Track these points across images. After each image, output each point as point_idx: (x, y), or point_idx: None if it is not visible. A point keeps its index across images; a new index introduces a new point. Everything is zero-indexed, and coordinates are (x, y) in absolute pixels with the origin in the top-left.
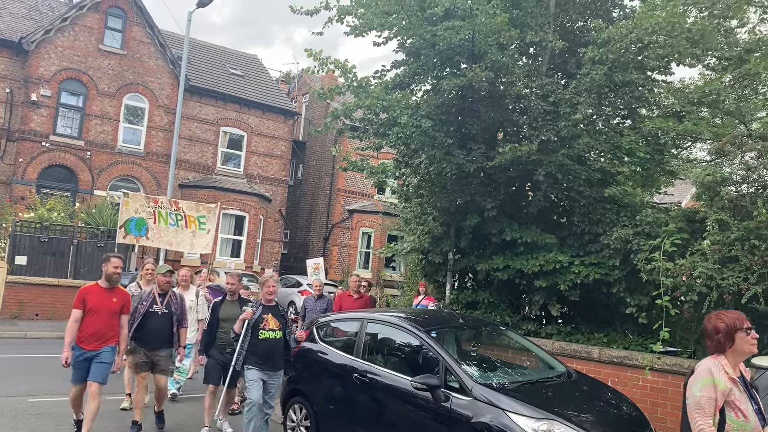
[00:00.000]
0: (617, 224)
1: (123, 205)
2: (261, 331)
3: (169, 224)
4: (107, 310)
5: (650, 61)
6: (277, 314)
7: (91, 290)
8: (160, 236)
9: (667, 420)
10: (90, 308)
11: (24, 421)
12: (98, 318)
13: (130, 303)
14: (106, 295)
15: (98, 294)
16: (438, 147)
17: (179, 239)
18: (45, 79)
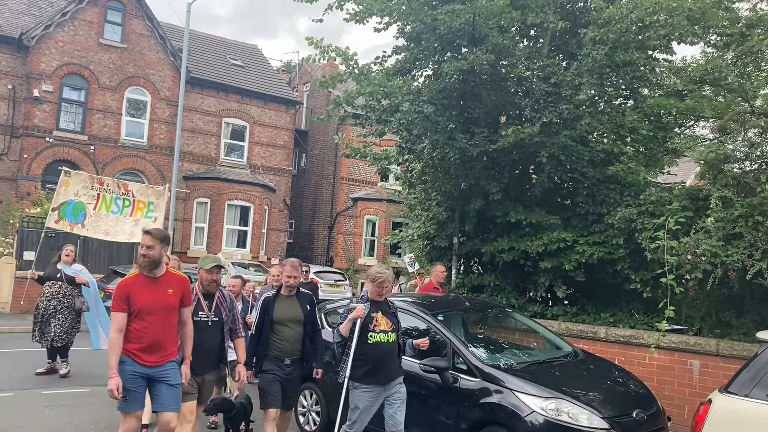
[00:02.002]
0: (621, 204)
1: (62, 184)
2: (370, 334)
3: (111, 211)
4: (163, 306)
5: (651, 40)
6: (388, 312)
7: (135, 283)
8: (97, 224)
9: (674, 397)
10: (139, 309)
11: (37, 413)
12: (154, 320)
13: (190, 291)
14: (157, 287)
15: (145, 287)
16: (440, 132)
17: (118, 228)
18: (46, 74)
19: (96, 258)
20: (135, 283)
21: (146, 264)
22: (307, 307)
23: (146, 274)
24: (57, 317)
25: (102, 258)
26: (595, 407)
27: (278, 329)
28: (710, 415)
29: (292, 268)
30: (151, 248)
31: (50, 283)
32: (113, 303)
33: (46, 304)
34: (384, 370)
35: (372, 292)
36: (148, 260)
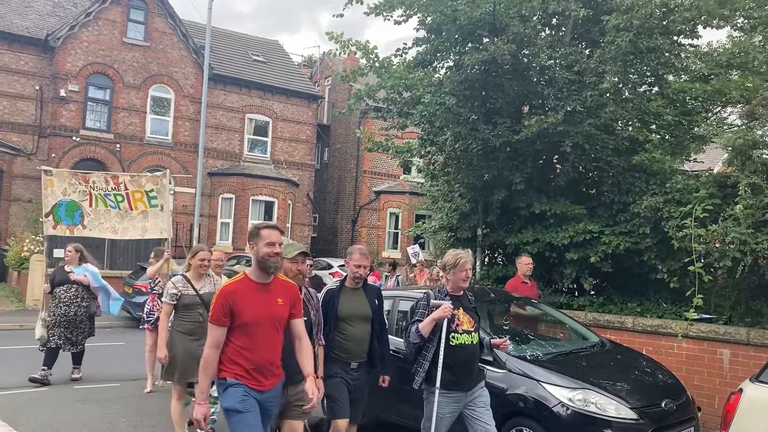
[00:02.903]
0: (647, 192)
1: (46, 185)
2: (453, 335)
3: (110, 206)
4: (273, 319)
5: (676, 25)
6: (468, 308)
7: (240, 289)
8: (99, 222)
9: (704, 387)
10: (246, 322)
11: (69, 407)
12: (261, 336)
13: (301, 301)
14: (266, 295)
15: (253, 295)
16: (463, 123)
17: (126, 224)
18: (72, 74)
19: (124, 254)
20: (241, 290)
21: (275, 265)
22: (375, 301)
23: (257, 279)
24: (78, 323)
25: (130, 254)
26: (623, 397)
27: (343, 327)
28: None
29: (361, 257)
30: (280, 245)
31: (65, 288)
32: (212, 313)
33: (65, 310)
34: (468, 375)
35: (451, 284)
36: (278, 261)
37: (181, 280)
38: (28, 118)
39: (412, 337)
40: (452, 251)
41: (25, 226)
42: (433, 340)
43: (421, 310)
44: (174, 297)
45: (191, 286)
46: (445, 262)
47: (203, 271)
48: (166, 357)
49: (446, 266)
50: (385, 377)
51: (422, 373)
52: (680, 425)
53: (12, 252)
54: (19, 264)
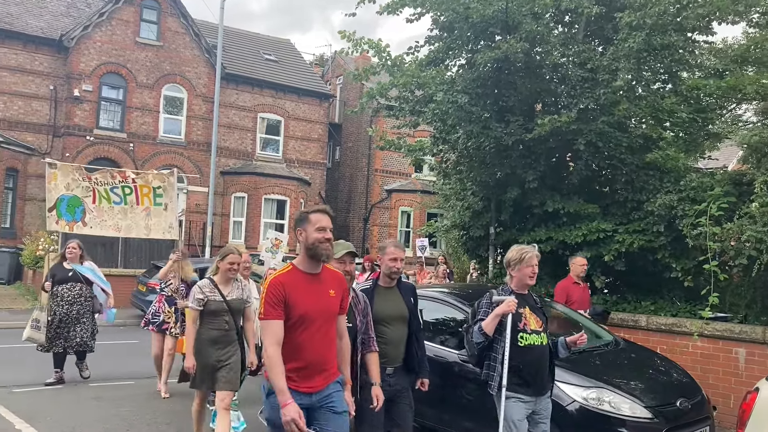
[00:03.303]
0: (661, 190)
1: (50, 179)
2: (521, 335)
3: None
4: (326, 312)
5: (690, 21)
6: (535, 307)
7: (291, 280)
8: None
9: (719, 386)
10: (300, 315)
11: (84, 405)
12: (316, 331)
13: (348, 295)
14: (318, 286)
15: (305, 286)
16: (475, 121)
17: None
18: (86, 74)
19: (138, 253)
20: (292, 281)
21: (326, 252)
22: (411, 300)
23: (306, 269)
24: (82, 321)
25: (144, 253)
26: (638, 396)
27: (379, 330)
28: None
29: (396, 249)
30: (332, 231)
31: (68, 287)
32: (264, 308)
33: (67, 309)
34: (539, 379)
35: (516, 282)
36: (329, 248)
37: (209, 285)
38: (42, 117)
39: (475, 337)
40: (516, 246)
41: (40, 225)
42: (500, 341)
43: (484, 309)
44: (201, 302)
45: (218, 292)
46: (509, 258)
47: (232, 275)
48: (194, 366)
49: (510, 262)
50: (423, 380)
51: (497, 377)
52: (695, 424)
53: (27, 251)
54: (34, 263)
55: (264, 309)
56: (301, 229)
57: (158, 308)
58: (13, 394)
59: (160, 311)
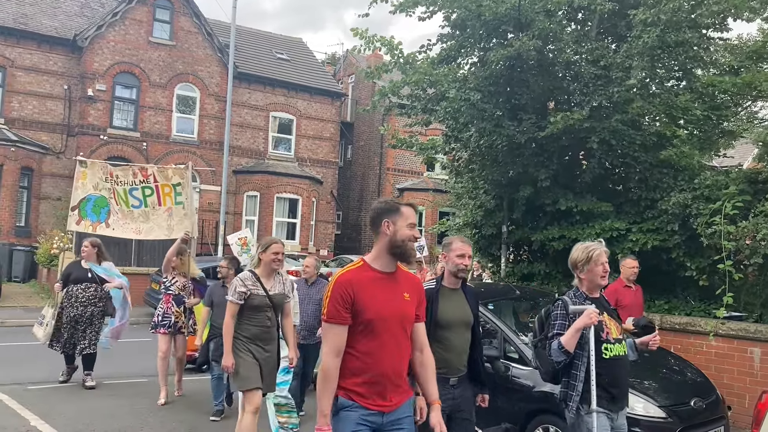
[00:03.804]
0: (675, 189)
1: (79, 177)
2: (605, 346)
3: (132, 206)
4: (399, 317)
5: (705, 18)
6: (610, 310)
7: (362, 279)
8: (124, 222)
9: (734, 386)
10: (371, 319)
11: (97, 402)
12: (389, 339)
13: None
14: (393, 286)
15: (378, 286)
16: (487, 119)
17: (152, 224)
18: (99, 74)
19: (151, 252)
20: (362, 280)
21: (413, 253)
22: (475, 304)
23: (381, 268)
24: (93, 324)
25: (157, 252)
26: (651, 396)
27: (443, 336)
28: None
29: (463, 244)
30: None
31: (83, 287)
32: (328, 308)
33: (81, 311)
34: (624, 392)
35: (586, 284)
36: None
37: (251, 278)
38: (56, 117)
39: (555, 355)
40: (580, 245)
41: (55, 224)
42: (581, 355)
43: (559, 321)
44: (242, 296)
45: (261, 285)
46: (575, 259)
47: (277, 266)
48: (233, 365)
49: (577, 263)
50: (484, 396)
51: (576, 397)
52: (710, 424)
53: (42, 249)
54: (49, 261)
55: (328, 309)
56: (388, 221)
57: (167, 309)
58: (28, 391)
59: (170, 312)
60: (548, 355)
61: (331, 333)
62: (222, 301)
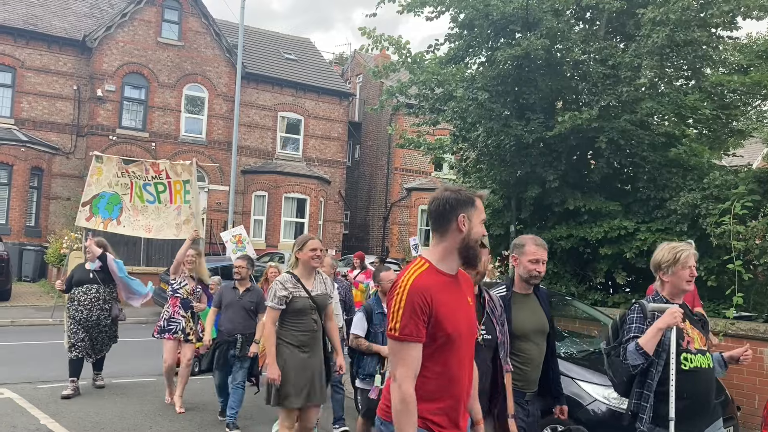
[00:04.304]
0: (684, 189)
1: (94, 173)
2: (684, 356)
3: (146, 201)
4: (471, 328)
5: (714, 17)
6: (694, 319)
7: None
8: (136, 219)
9: (743, 386)
10: (449, 333)
11: (107, 401)
12: (462, 354)
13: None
14: (458, 291)
15: (449, 293)
16: (495, 119)
17: (162, 222)
18: (109, 74)
19: (160, 252)
20: (437, 285)
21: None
22: (548, 308)
23: (447, 270)
24: (101, 327)
25: (166, 251)
26: None
27: (520, 348)
28: None
29: (537, 248)
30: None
31: (85, 289)
32: (402, 322)
33: (87, 315)
34: (707, 409)
35: (669, 288)
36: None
37: (291, 279)
38: (66, 117)
39: (631, 358)
40: (666, 244)
41: (64, 224)
42: (656, 364)
43: (636, 324)
44: (284, 300)
45: (302, 287)
46: (659, 259)
47: (316, 264)
48: (279, 376)
49: (661, 264)
50: (563, 407)
51: (649, 410)
52: None
53: (51, 249)
54: (59, 260)
55: (402, 323)
56: (465, 215)
57: (173, 313)
58: (38, 390)
59: (177, 317)
60: (623, 359)
61: (407, 353)
62: (233, 303)
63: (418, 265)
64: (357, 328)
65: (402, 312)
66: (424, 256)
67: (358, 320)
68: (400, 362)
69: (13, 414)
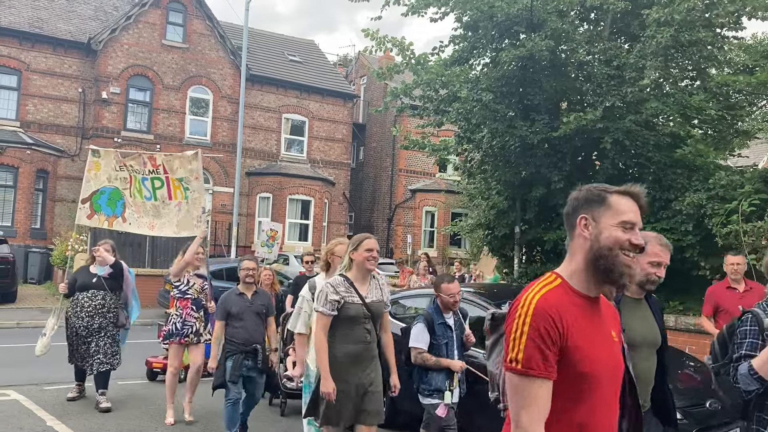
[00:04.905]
0: (689, 189)
1: (91, 168)
2: None
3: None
4: (613, 368)
5: (719, 18)
6: None
7: (566, 305)
8: (139, 216)
9: None
10: (587, 371)
11: (115, 403)
12: (599, 398)
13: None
14: (599, 321)
15: (587, 317)
16: (500, 120)
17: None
18: (113, 77)
19: (165, 252)
20: (568, 307)
21: (627, 272)
22: (661, 318)
23: (584, 291)
24: (101, 336)
25: (170, 253)
26: None
27: None
28: None
29: (664, 250)
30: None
31: (90, 295)
32: (526, 356)
33: (88, 322)
34: None
35: None
36: (628, 262)
37: (343, 283)
38: (71, 120)
39: (744, 383)
40: None
41: (69, 226)
42: None
43: (749, 340)
44: (335, 306)
45: (355, 292)
46: None
47: (371, 267)
48: (334, 391)
49: None
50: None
51: None
52: (725, 426)
53: (57, 251)
54: (64, 263)
55: (525, 354)
56: (586, 215)
57: (185, 316)
58: (44, 392)
59: (190, 319)
60: (734, 381)
61: (533, 392)
62: (245, 310)
63: (547, 280)
64: (419, 341)
65: (525, 339)
66: (557, 270)
67: (420, 332)
68: (526, 404)
69: (20, 416)
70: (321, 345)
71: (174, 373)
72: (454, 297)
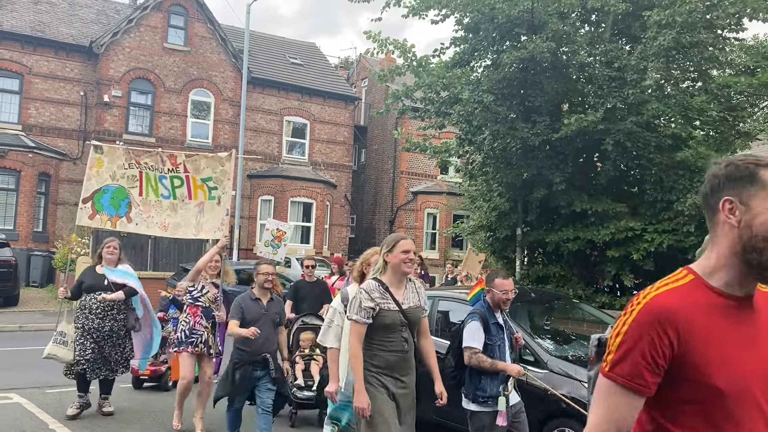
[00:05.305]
0: (691, 190)
1: (93, 165)
2: None
3: (161, 196)
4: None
5: (720, 19)
6: None
7: (690, 308)
8: (149, 215)
9: None
10: (719, 386)
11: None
12: (746, 422)
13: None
14: (750, 324)
15: (730, 325)
16: (501, 122)
17: (179, 220)
18: (115, 80)
19: (167, 256)
20: (695, 313)
21: None
22: None
23: (728, 289)
24: (114, 340)
25: (173, 256)
26: None
27: None
28: None
29: None
30: None
31: (99, 297)
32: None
33: (99, 324)
34: None
35: None
36: None
37: (378, 288)
38: (73, 123)
39: None
40: None
41: (72, 229)
42: None
43: None
44: (370, 314)
45: (391, 297)
46: None
47: (408, 270)
48: (369, 406)
49: None
50: None
51: None
52: None
53: (59, 254)
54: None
55: (615, 356)
56: (732, 197)
57: (194, 324)
58: (47, 395)
59: (199, 328)
60: None
61: (612, 398)
62: (260, 317)
63: (674, 277)
64: (474, 340)
65: (621, 341)
66: (691, 265)
67: (475, 330)
68: (599, 408)
69: (22, 419)
70: (357, 356)
71: (187, 386)
72: (508, 294)
